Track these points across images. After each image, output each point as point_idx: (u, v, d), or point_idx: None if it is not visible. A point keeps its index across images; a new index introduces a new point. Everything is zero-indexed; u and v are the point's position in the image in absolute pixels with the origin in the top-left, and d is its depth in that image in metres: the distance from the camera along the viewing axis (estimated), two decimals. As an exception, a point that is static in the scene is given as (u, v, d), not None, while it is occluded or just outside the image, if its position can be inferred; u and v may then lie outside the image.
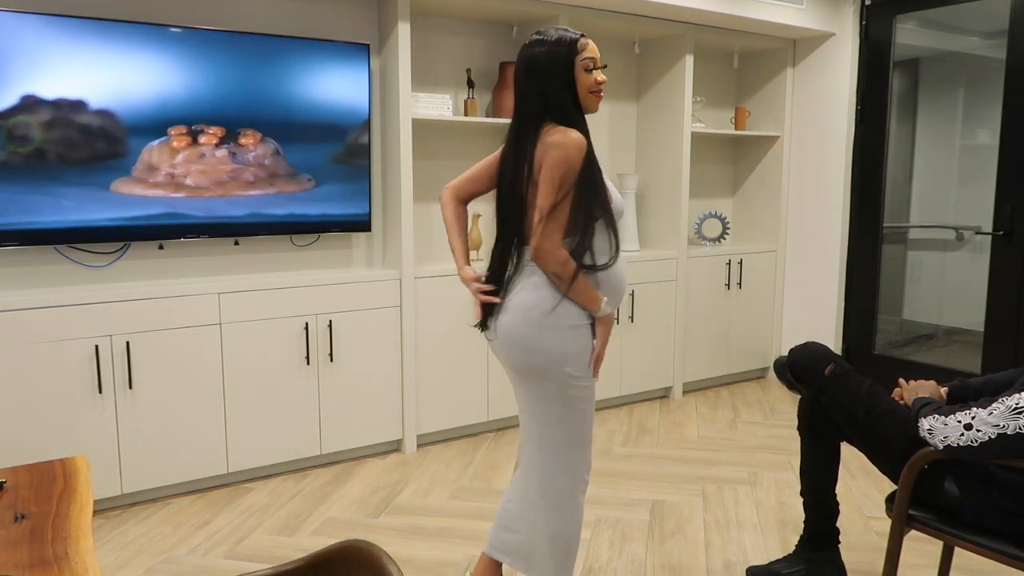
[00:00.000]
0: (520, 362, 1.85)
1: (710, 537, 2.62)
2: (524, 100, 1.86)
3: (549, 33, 1.85)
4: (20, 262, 2.80)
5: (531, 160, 1.80)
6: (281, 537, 2.62)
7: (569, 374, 1.83)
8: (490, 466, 3.25)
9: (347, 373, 3.22)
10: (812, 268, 4.47)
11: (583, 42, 1.85)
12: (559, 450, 1.89)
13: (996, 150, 3.61)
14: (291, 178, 3.13)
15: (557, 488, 1.91)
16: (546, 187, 1.76)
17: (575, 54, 1.83)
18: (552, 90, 1.82)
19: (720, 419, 3.91)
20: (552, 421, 1.87)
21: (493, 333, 1.90)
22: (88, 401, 2.71)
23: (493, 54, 3.76)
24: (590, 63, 1.84)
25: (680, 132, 4.07)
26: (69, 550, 1.28)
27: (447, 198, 2.03)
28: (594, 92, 1.87)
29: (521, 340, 1.83)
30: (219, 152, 2.97)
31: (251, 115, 3.01)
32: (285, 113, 3.07)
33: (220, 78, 2.93)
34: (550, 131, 1.80)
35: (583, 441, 1.90)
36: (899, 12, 4.02)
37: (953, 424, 1.69)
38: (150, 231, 2.87)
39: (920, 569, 2.40)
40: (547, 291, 1.81)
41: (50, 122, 2.64)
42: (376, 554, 1.11)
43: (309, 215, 3.19)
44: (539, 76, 1.83)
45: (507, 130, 1.91)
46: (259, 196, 3.07)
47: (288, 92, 3.07)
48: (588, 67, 1.84)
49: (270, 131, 3.06)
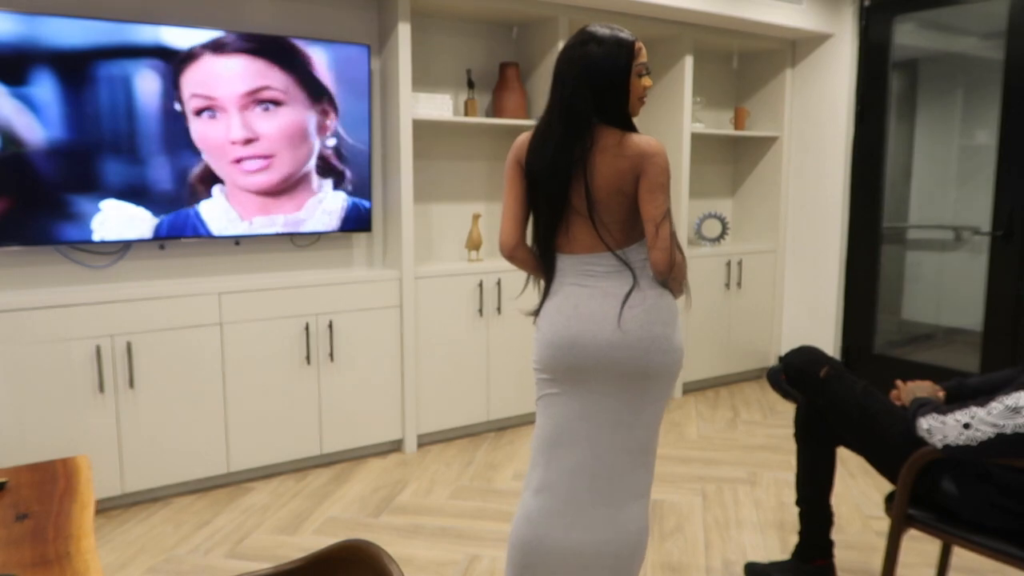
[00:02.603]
0: (654, 364, 1.78)
1: (710, 536, 2.63)
2: (570, 99, 1.77)
3: (602, 32, 1.78)
4: (22, 262, 2.80)
5: (589, 166, 1.76)
6: (282, 536, 2.63)
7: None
8: (490, 466, 3.26)
9: (347, 373, 3.22)
10: (811, 268, 4.48)
11: (638, 46, 1.82)
12: (650, 451, 1.86)
13: (994, 150, 3.62)
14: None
15: (647, 484, 1.87)
16: (660, 195, 1.74)
17: (632, 58, 1.81)
18: (608, 93, 1.78)
19: (720, 419, 3.92)
20: (654, 421, 1.84)
21: (610, 340, 1.78)
22: (89, 401, 2.71)
23: (493, 54, 3.77)
24: (643, 68, 1.83)
25: (680, 132, 4.08)
26: (71, 549, 1.29)
27: (513, 251, 1.90)
28: (642, 98, 1.86)
29: (657, 343, 1.78)
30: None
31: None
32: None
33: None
34: (625, 138, 1.76)
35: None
36: (898, 13, 4.03)
37: (952, 424, 1.69)
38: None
39: (919, 568, 2.41)
40: (664, 291, 1.82)
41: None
42: (376, 554, 1.12)
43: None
44: (595, 77, 1.76)
45: (540, 129, 1.82)
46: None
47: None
48: (641, 72, 1.83)
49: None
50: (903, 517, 1.84)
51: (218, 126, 2.90)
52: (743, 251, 4.43)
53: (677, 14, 3.76)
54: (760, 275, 4.53)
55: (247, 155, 2.94)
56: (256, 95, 2.93)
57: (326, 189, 3.19)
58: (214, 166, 2.91)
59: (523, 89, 3.63)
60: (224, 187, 2.96)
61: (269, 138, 3.00)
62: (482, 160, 3.81)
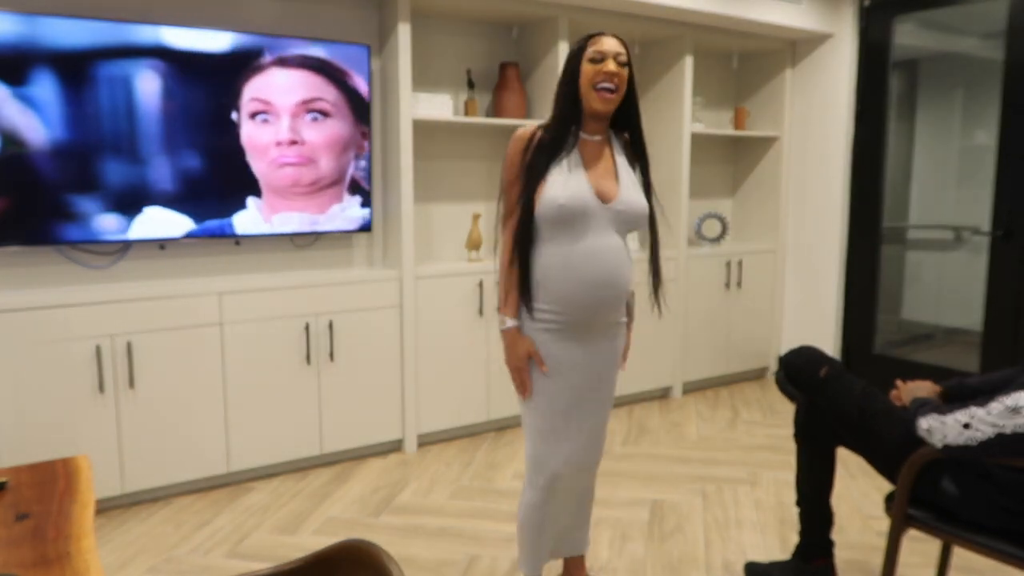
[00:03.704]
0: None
1: (710, 536, 2.63)
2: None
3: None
4: (22, 262, 2.80)
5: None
6: (282, 536, 2.63)
7: None
8: (490, 466, 3.26)
9: (347, 373, 3.22)
10: (811, 268, 4.48)
11: (600, 36, 1.80)
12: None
13: (994, 150, 3.62)
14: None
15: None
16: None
17: (587, 44, 1.80)
18: (559, 86, 1.83)
19: (720, 419, 3.92)
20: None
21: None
22: (90, 401, 2.71)
23: (493, 54, 3.77)
24: (596, 54, 1.79)
25: (680, 132, 4.08)
26: (71, 549, 1.29)
27: None
28: (599, 87, 1.80)
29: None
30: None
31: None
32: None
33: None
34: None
35: None
36: (898, 13, 4.03)
37: (952, 423, 1.69)
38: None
39: (919, 568, 2.41)
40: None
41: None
42: (376, 554, 1.12)
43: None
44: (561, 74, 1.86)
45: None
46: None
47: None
48: (594, 58, 1.79)
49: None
50: (903, 517, 1.85)
51: (268, 129, 3.05)
52: (743, 251, 4.43)
53: (677, 14, 3.76)
54: (760, 275, 4.53)
55: (288, 155, 3.11)
56: (308, 104, 3.11)
57: (353, 203, 3.29)
58: (253, 165, 3.04)
59: (523, 89, 3.63)
60: (258, 198, 3.09)
61: (312, 144, 3.14)
62: (482, 160, 3.81)
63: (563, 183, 1.81)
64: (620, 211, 1.87)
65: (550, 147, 1.83)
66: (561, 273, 1.84)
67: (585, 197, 1.82)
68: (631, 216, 1.88)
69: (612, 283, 1.87)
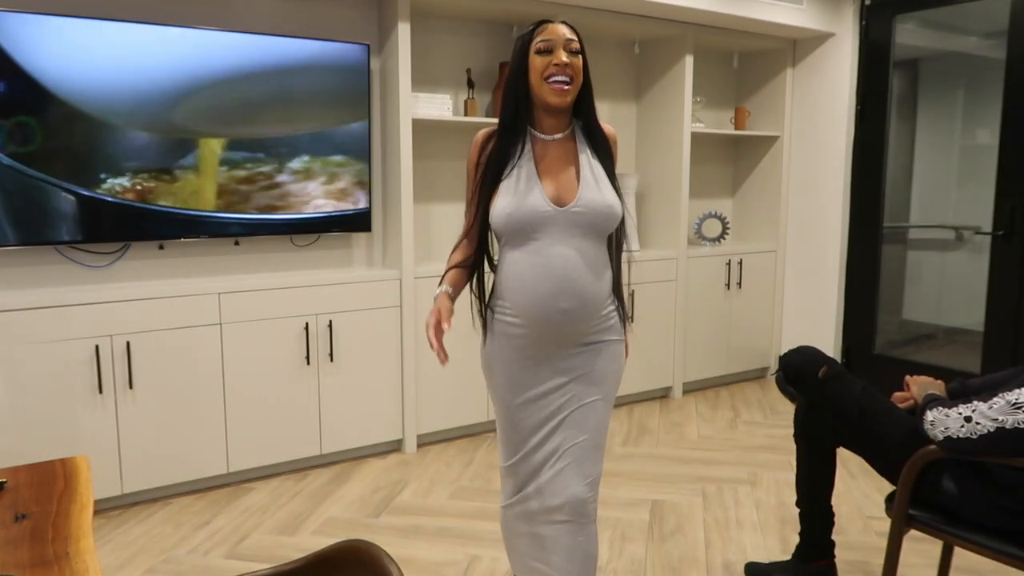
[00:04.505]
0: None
1: (710, 537, 2.62)
2: None
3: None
4: (20, 262, 2.80)
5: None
6: (281, 537, 2.62)
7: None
8: (490, 466, 3.26)
9: (347, 373, 3.22)
10: (812, 268, 4.47)
11: (544, 25, 1.66)
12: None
13: (996, 150, 3.61)
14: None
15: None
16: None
17: (534, 35, 1.65)
18: (506, 85, 1.69)
19: (720, 419, 3.91)
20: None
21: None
22: (88, 401, 2.71)
23: (493, 54, 3.76)
24: (544, 45, 1.64)
25: (680, 132, 4.08)
26: (70, 550, 1.28)
27: None
28: (550, 80, 1.64)
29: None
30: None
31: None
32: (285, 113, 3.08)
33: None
34: None
35: None
36: (899, 12, 4.02)
37: (954, 416, 1.70)
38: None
39: (920, 569, 2.40)
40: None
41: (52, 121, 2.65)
42: (376, 554, 1.11)
43: (309, 215, 3.19)
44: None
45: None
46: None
47: (288, 92, 3.07)
48: (539, 49, 1.64)
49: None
50: (904, 517, 1.84)
51: None
52: (743, 251, 4.43)
53: (677, 13, 3.75)
54: (760, 275, 4.52)
55: None
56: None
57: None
58: None
59: (523, 89, 3.63)
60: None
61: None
62: (482, 160, 3.80)
63: (512, 191, 1.70)
64: (578, 213, 1.69)
65: (499, 158, 1.72)
66: (517, 283, 1.73)
67: (536, 204, 1.68)
68: (593, 217, 1.70)
69: (571, 293, 1.69)
